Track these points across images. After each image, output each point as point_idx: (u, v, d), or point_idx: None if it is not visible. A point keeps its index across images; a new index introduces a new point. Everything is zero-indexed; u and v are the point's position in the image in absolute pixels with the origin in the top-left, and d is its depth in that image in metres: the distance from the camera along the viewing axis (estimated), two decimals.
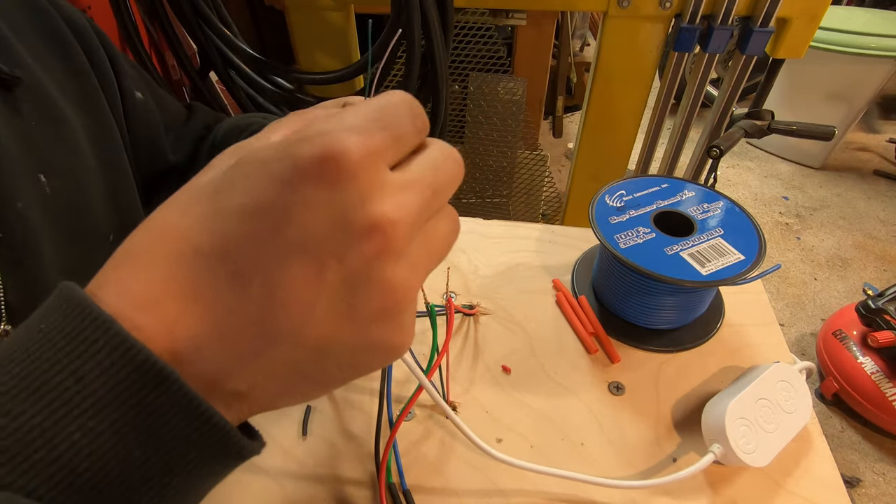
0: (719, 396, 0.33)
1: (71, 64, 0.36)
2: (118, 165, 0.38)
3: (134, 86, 0.42)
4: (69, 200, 0.34)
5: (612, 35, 0.82)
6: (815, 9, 0.77)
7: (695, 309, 0.40)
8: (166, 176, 0.48)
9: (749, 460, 0.29)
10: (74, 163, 0.35)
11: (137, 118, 0.42)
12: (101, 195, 0.36)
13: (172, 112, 0.48)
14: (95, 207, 0.36)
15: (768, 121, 0.93)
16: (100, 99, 0.38)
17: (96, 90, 0.37)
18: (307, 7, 0.84)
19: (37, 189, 0.31)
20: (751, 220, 0.40)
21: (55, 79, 0.35)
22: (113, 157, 0.38)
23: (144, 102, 0.43)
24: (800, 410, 0.32)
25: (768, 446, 0.30)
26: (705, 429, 0.32)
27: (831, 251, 1.73)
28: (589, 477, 0.30)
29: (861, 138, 2.28)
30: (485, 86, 1.14)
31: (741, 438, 0.29)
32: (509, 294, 0.43)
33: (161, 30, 0.86)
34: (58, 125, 0.34)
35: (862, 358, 1.17)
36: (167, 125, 0.46)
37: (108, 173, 0.37)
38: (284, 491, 0.31)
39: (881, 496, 1.11)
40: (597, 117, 0.92)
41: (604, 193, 0.42)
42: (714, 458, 0.30)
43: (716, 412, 0.31)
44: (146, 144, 0.44)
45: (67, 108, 0.35)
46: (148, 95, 0.44)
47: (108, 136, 0.38)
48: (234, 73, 0.88)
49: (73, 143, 0.35)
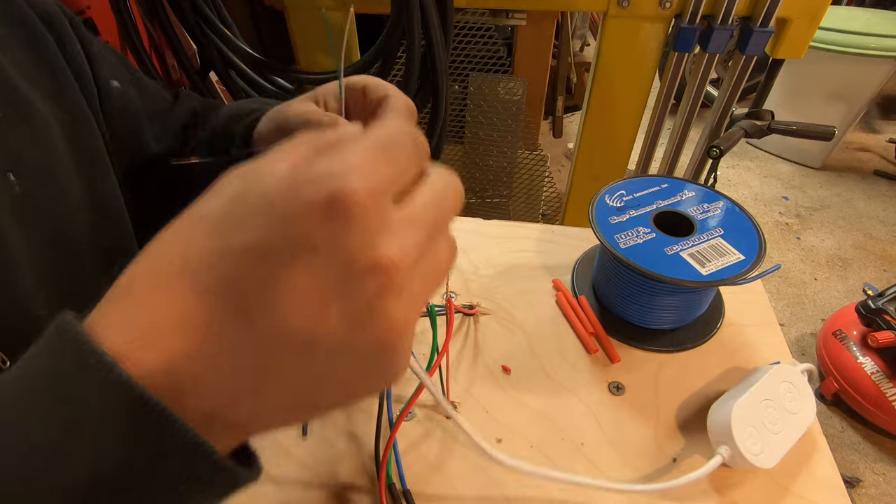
0: (724, 399, 0.33)
1: (41, 55, 0.34)
2: (96, 161, 0.36)
3: (110, 74, 0.40)
4: (43, 201, 0.31)
5: (612, 35, 0.82)
6: (815, 9, 0.76)
7: (695, 309, 0.40)
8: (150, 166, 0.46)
9: (757, 461, 0.29)
10: (48, 160, 0.32)
11: (115, 108, 0.40)
12: (78, 194, 0.34)
13: (156, 100, 0.46)
14: (72, 207, 0.33)
15: (768, 121, 0.93)
16: (74, 91, 0.35)
17: (69, 82, 0.35)
18: (307, 7, 0.84)
19: (5, 190, 0.29)
20: (751, 220, 0.40)
21: (24, 71, 0.32)
22: (90, 153, 0.36)
23: (123, 92, 0.41)
24: (804, 411, 0.32)
25: (775, 447, 0.30)
26: (711, 431, 0.32)
27: (831, 251, 1.73)
28: (593, 481, 0.30)
29: (861, 138, 2.28)
30: (485, 86, 1.14)
31: (748, 440, 0.29)
32: (509, 294, 0.43)
33: (161, 30, 0.86)
34: (27, 120, 0.31)
35: (862, 358, 1.17)
36: (150, 114, 0.44)
37: (85, 170, 0.35)
38: (284, 490, 0.31)
39: (881, 496, 1.11)
40: (597, 117, 0.92)
41: (604, 193, 0.42)
42: (722, 460, 0.30)
43: (721, 414, 0.31)
44: (126, 136, 0.42)
45: (38, 102, 0.33)
46: (128, 83, 0.42)
47: (85, 130, 0.36)
48: (234, 73, 0.87)
49: (46, 139, 0.33)
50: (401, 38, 0.76)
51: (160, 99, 0.47)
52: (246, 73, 0.87)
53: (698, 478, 0.29)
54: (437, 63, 0.75)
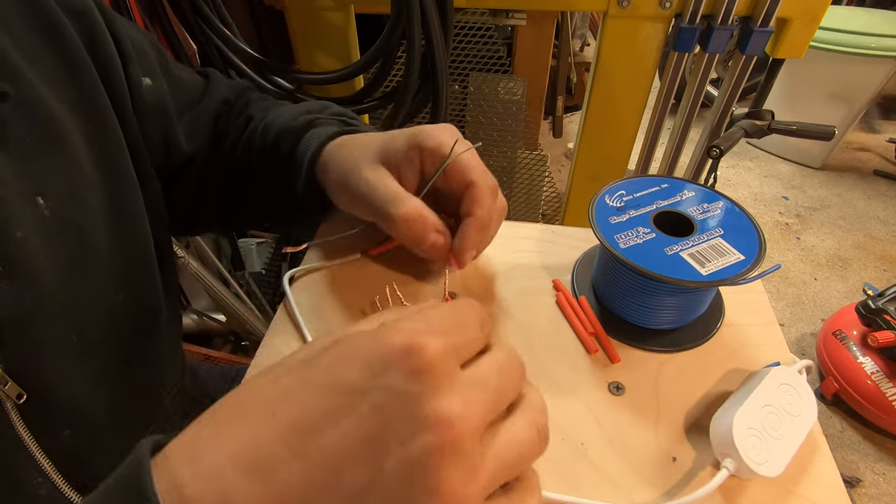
0: (724, 409, 0.32)
1: (67, 60, 0.32)
2: (120, 174, 0.36)
3: (142, 70, 0.38)
4: (69, 221, 0.31)
5: (612, 35, 0.82)
6: (815, 9, 0.76)
7: (695, 309, 0.40)
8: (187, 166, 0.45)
9: (762, 471, 0.29)
10: (74, 179, 0.32)
11: (147, 108, 0.38)
12: (101, 210, 0.34)
13: (186, 91, 0.44)
14: (96, 224, 0.33)
15: (768, 121, 0.93)
16: (101, 98, 0.34)
17: (97, 88, 0.34)
18: (307, 7, 0.84)
19: (35, 213, 0.29)
20: (751, 220, 0.40)
21: (50, 81, 0.31)
22: (115, 166, 0.35)
23: (155, 88, 0.39)
24: (805, 413, 0.32)
25: (779, 454, 0.30)
26: (714, 443, 0.31)
27: (831, 251, 1.73)
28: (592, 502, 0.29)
29: (861, 138, 2.28)
30: (485, 86, 1.14)
31: (752, 450, 0.29)
32: (509, 294, 0.43)
33: (161, 30, 0.86)
34: (54, 140, 0.31)
35: (862, 358, 1.17)
36: (180, 108, 0.43)
37: (109, 185, 0.35)
38: None
39: (881, 496, 1.11)
40: (597, 117, 0.92)
41: (604, 193, 0.42)
42: (728, 473, 0.29)
43: (723, 425, 0.31)
44: (159, 138, 0.41)
45: (65, 117, 0.32)
46: (160, 78, 0.40)
47: (110, 141, 0.35)
48: (234, 73, 0.87)
49: (73, 158, 0.32)
50: (401, 38, 0.76)
51: (190, 89, 0.45)
52: (246, 73, 0.87)
53: (708, 492, 0.29)
54: (437, 63, 0.75)
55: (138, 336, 0.37)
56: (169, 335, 0.42)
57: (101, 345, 0.33)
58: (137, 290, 0.37)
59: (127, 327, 0.36)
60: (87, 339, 0.32)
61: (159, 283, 0.40)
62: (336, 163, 0.37)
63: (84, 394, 0.32)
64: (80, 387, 0.32)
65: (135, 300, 0.37)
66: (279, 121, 0.42)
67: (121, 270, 0.35)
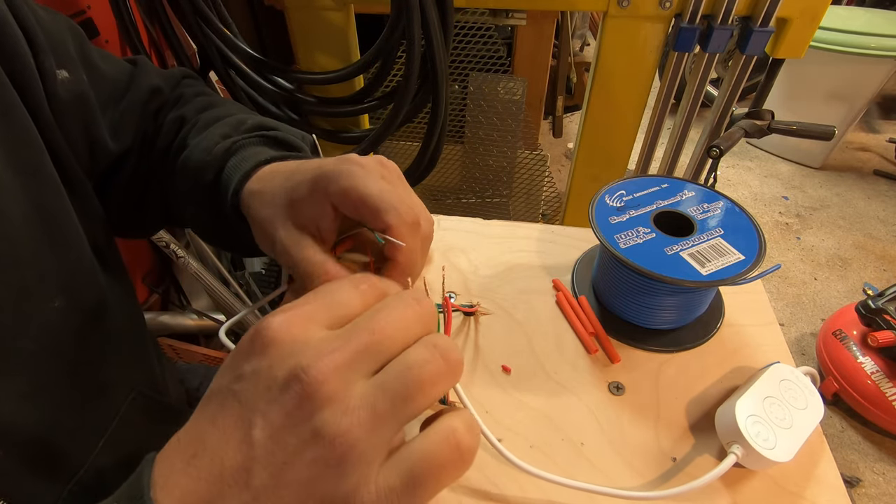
0: (728, 402, 0.33)
1: None
2: (37, 173, 0.33)
3: (57, 62, 0.35)
4: None
5: (612, 35, 0.82)
6: (815, 9, 0.76)
7: (695, 309, 0.40)
8: (120, 164, 0.42)
9: (772, 455, 0.29)
10: None
11: (64, 103, 0.35)
12: (20, 211, 0.31)
13: (109, 83, 0.41)
14: (15, 225, 0.30)
15: (768, 121, 0.93)
16: (6, 91, 0.31)
17: (4, 83, 0.31)
18: (307, 7, 0.84)
19: None
20: (751, 220, 0.40)
21: None
22: (30, 165, 0.32)
23: (73, 81, 0.36)
24: (811, 406, 0.32)
25: (788, 441, 0.30)
26: (721, 434, 0.32)
27: (831, 251, 1.73)
28: (601, 488, 0.29)
29: (861, 138, 2.28)
30: (485, 86, 1.14)
31: (758, 435, 0.29)
32: (509, 294, 0.43)
33: (161, 30, 0.86)
34: None
35: (862, 358, 1.17)
36: (103, 102, 0.40)
37: (26, 185, 0.31)
38: None
39: (881, 496, 1.11)
40: (597, 117, 0.92)
41: (604, 193, 0.42)
42: (735, 459, 0.30)
43: (727, 415, 0.31)
44: (81, 135, 0.38)
45: None
46: (79, 69, 0.37)
47: (24, 139, 0.32)
48: (234, 73, 0.87)
49: None
50: (401, 38, 0.76)
51: (114, 81, 0.41)
52: (246, 72, 0.87)
53: (713, 478, 0.29)
54: (436, 63, 0.75)
55: (82, 342, 0.35)
56: (123, 337, 0.39)
57: (33, 356, 0.31)
58: (77, 294, 0.34)
59: (67, 333, 0.33)
60: (15, 352, 0.30)
61: (103, 285, 0.37)
62: (252, 211, 0.34)
63: (9, 410, 0.30)
64: (7, 404, 0.29)
65: (76, 305, 0.34)
66: (195, 154, 0.39)
67: (56, 275, 0.33)
